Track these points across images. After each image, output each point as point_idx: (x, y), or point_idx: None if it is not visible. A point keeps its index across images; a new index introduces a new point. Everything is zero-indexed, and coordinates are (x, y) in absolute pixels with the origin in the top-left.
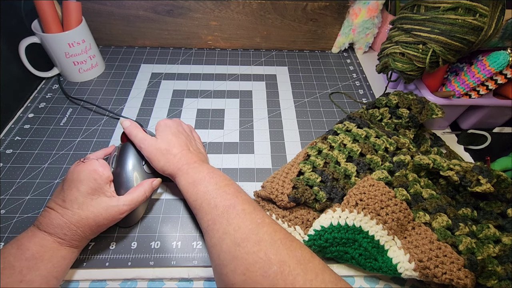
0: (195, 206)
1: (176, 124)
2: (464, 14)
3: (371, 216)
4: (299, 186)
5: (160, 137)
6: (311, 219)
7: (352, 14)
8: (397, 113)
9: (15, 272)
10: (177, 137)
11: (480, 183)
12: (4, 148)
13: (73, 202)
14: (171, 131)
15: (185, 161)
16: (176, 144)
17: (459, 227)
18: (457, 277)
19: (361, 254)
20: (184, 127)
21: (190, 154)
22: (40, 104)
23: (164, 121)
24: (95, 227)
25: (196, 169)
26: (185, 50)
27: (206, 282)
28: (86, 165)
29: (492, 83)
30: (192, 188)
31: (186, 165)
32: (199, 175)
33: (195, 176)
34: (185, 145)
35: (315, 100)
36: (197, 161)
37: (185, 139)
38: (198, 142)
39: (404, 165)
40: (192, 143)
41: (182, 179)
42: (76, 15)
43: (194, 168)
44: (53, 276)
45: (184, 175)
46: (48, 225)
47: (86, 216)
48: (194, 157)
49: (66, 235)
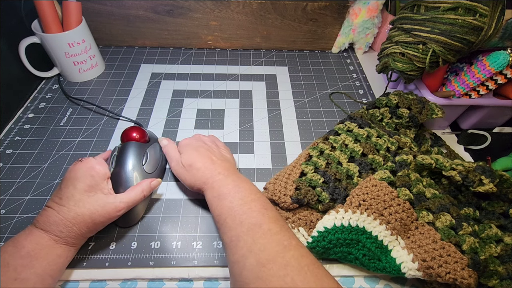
0: (218, 220)
1: (195, 139)
2: (464, 14)
3: (374, 216)
4: (301, 187)
5: (183, 155)
6: (315, 220)
7: (352, 14)
8: (397, 113)
9: (10, 269)
10: (198, 151)
11: (483, 183)
12: (4, 148)
13: (69, 199)
14: (192, 147)
15: (209, 174)
16: (198, 158)
17: (462, 227)
18: (461, 277)
19: (364, 254)
20: (204, 139)
21: (213, 166)
22: (40, 104)
23: (184, 141)
24: (91, 225)
25: (221, 182)
26: (185, 50)
27: (206, 282)
28: (83, 163)
29: (492, 83)
30: (217, 202)
31: (210, 178)
32: (224, 189)
33: (220, 190)
34: (207, 157)
35: (315, 100)
36: (222, 171)
37: (205, 151)
38: (223, 149)
39: (407, 165)
40: (215, 152)
41: (208, 193)
42: (76, 15)
43: (219, 181)
44: (48, 275)
45: (210, 189)
46: (45, 223)
47: (82, 213)
48: (218, 168)
49: (62, 232)
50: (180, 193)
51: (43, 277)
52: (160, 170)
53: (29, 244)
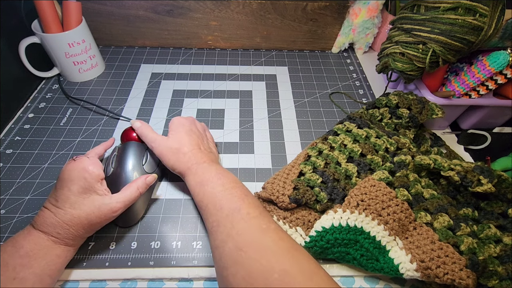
0: (201, 206)
1: (189, 122)
2: (464, 14)
3: (372, 216)
4: (300, 187)
5: (172, 136)
6: (312, 220)
7: (352, 14)
8: (397, 113)
9: (9, 269)
10: (189, 135)
11: (481, 183)
12: (4, 148)
13: (65, 201)
14: (184, 129)
15: (195, 160)
16: (187, 143)
17: (460, 227)
18: (459, 278)
19: (362, 255)
20: (197, 126)
21: (201, 154)
22: (40, 104)
23: (178, 119)
24: (88, 226)
25: (205, 169)
26: (185, 50)
27: (206, 282)
28: (76, 164)
29: (492, 83)
30: (199, 188)
31: (195, 165)
32: (207, 175)
33: (203, 176)
34: (196, 144)
35: (315, 100)
36: (207, 160)
37: (196, 138)
38: (210, 141)
39: (405, 165)
40: (204, 142)
41: (190, 178)
42: (76, 15)
43: (203, 168)
44: (47, 275)
45: (192, 175)
46: (43, 224)
47: (78, 215)
48: (204, 157)
49: (60, 233)
50: (180, 193)
51: (41, 277)
52: (160, 170)
53: (28, 244)
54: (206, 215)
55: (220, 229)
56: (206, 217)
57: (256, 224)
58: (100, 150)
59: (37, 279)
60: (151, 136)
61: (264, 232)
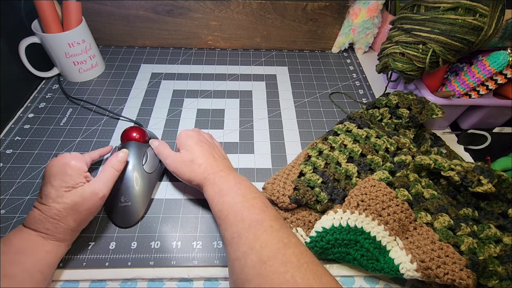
0: (220, 216)
1: (197, 133)
2: (464, 14)
3: (372, 217)
4: (300, 187)
5: (183, 150)
6: (313, 220)
7: (352, 14)
8: (397, 113)
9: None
10: (200, 146)
11: (481, 183)
12: (4, 148)
13: (47, 197)
14: (194, 141)
15: (211, 170)
16: (200, 154)
17: (460, 227)
18: (459, 278)
19: (363, 255)
20: (204, 135)
21: (216, 162)
22: (40, 104)
23: (185, 132)
24: (77, 217)
25: (223, 178)
26: (185, 50)
27: (206, 282)
28: (58, 159)
29: (492, 83)
30: (218, 198)
31: (212, 174)
32: (225, 184)
33: (222, 186)
34: (210, 153)
35: (315, 100)
36: (223, 169)
37: (208, 147)
38: (220, 149)
39: (405, 166)
40: (216, 150)
41: (208, 188)
42: (76, 15)
43: (221, 177)
44: (37, 271)
45: (210, 185)
46: (32, 222)
47: (63, 208)
48: (220, 165)
49: (49, 229)
50: (180, 193)
51: (32, 273)
52: (160, 170)
53: (18, 241)
54: (225, 226)
55: (242, 240)
56: (226, 227)
57: (279, 237)
58: (95, 156)
59: (27, 276)
60: (166, 153)
61: (286, 246)
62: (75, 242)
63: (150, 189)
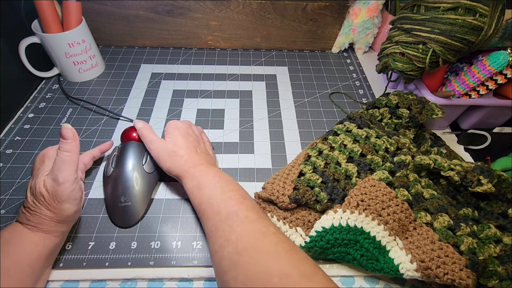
0: (199, 210)
1: (186, 125)
2: (464, 14)
3: (372, 217)
4: (300, 187)
5: (168, 139)
6: (313, 220)
7: (352, 14)
8: (397, 113)
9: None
10: (185, 138)
11: (481, 183)
12: (4, 148)
13: (28, 189)
14: (180, 133)
15: (192, 163)
16: (184, 146)
17: (460, 227)
18: (459, 278)
19: (362, 255)
20: (193, 129)
21: (197, 156)
22: (40, 104)
23: (174, 122)
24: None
25: (202, 172)
26: (185, 50)
27: (206, 282)
28: (41, 153)
29: (492, 83)
30: (197, 191)
31: (192, 167)
32: (204, 178)
33: (201, 179)
34: (193, 147)
35: (315, 100)
36: (204, 163)
37: (193, 141)
38: (207, 144)
39: (405, 166)
40: (201, 145)
41: (188, 181)
42: (76, 15)
43: (201, 170)
44: (26, 264)
45: (190, 177)
46: (19, 216)
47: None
48: (201, 159)
49: (30, 220)
50: (180, 193)
51: (20, 266)
52: (160, 170)
53: (7, 233)
54: (204, 219)
55: (218, 233)
56: (205, 221)
57: (255, 228)
58: (96, 153)
59: (16, 269)
60: (150, 138)
61: (263, 235)
62: (75, 242)
63: (150, 189)
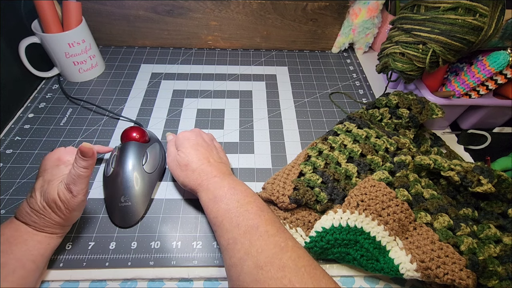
0: (215, 222)
1: (195, 135)
2: (464, 14)
3: (372, 217)
4: (300, 187)
5: (180, 152)
6: (313, 220)
7: (352, 14)
8: (397, 113)
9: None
10: (196, 149)
11: (481, 183)
12: (4, 148)
13: (37, 190)
14: (190, 144)
15: (205, 176)
16: (195, 159)
17: (460, 227)
18: (459, 278)
19: (362, 255)
20: (204, 137)
21: (210, 168)
22: (40, 104)
23: (183, 134)
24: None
25: (217, 184)
26: (185, 50)
27: (206, 282)
28: (51, 154)
29: (492, 83)
30: (212, 205)
31: (205, 180)
32: (219, 191)
33: (216, 192)
34: (205, 158)
35: (315, 100)
36: (218, 174)
37: (204, 151)
38: (220, 150)
39: (405, 166)
40: (213, 153)
41: (203, 194)
42: (76, 15)
43: (215, 183)
44: (29, 260)
45: (204, 191)
46: (21, 214)
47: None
48: (214, 171)
49: (36, 222)
50: (180, 193)
51: (23, 262)
52: (160, 170)
53: (9, 231)
54: (221, 232)
55: (237, 246)
56: (221, 234)
57: (275, 242)
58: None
59: (18, 264)
60: (170, 150)
61: (283, 250)
62: (75, 242)
63: (150, 189)
